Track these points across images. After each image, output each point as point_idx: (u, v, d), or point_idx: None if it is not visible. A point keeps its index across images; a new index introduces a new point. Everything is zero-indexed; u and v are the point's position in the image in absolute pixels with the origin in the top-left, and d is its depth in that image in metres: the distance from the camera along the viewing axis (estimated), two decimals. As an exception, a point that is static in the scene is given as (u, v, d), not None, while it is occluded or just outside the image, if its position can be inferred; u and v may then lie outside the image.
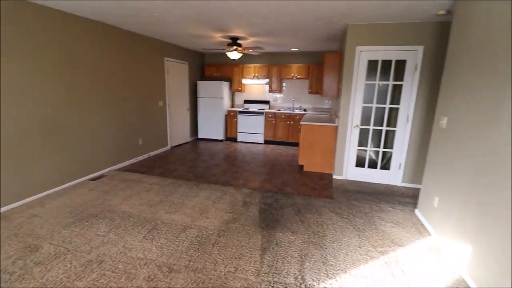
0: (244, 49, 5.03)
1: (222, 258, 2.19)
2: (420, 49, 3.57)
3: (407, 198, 3.51)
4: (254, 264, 2.12)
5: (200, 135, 7.02)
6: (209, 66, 7.02)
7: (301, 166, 4.74)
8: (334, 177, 4.25)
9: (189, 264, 2.10)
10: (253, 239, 2.46)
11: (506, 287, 1.61)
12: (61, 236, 2.44)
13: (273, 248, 2.33)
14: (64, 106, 3.46)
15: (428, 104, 3.65)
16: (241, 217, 2.85)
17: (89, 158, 3.90)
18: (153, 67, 5.13)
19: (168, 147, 5.84)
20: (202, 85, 6.68)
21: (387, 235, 2.60)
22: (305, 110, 6.77)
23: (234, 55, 4.90)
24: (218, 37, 4.80)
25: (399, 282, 1.97)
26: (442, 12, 3.07)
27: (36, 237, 2.41)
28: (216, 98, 6.66)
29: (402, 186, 3.93)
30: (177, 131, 6.16)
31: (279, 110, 6.71)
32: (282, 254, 2.25)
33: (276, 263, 2.14)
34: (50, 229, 2.55)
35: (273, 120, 6.56)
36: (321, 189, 3.76)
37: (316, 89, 6.36)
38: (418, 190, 3.43)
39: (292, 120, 6.43)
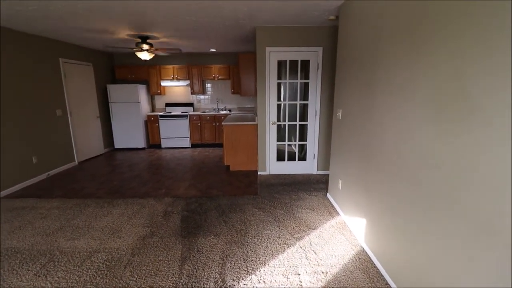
0: (156, 49, 4.71)
1: (135, 279, 1.98)
2: (320, 50, 3.98)
3: (321, 184, 3.89)
4: (172, 277, 2.00)
5: (117, 145, 6.30)
6: (120, 68, 6.35)
7: (228, 166, 4.75)
8: (259, 173, 4.40)
9: (93, 295, 1.84)
10: (172, 250, 2.32)
11: (386, 247, 1.92)
12: None
13: (193, 256, 2.24)
14: None
15: (330, 99, 4.11)
16: (160, 230, 2.66)
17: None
18: (45, 70, 4.33)
19: (75, 163, 5.04)
20: (114, 89, 6.00)
21: (303, 221, 2.82)
22: (230, 110, 6.81)
23: (144, 55, 4.55)
24: (124, 35, 4.37)
25: (311, 263, 2.15)
26: (332, 17, 3.48)
27: None
28: (132, 103, 6.08)
29: (318, 174, 4.35)
30: (86, 143, 5.38)
31: (204, 112, 6.58)
32: (203, 260, 2.18)
33: (196, 271, 2.06)
34: None
35: (198, 122, 6.39)
36: (246, 186, 3.84)
37: (237, 89, 6.46)
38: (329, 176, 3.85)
39: (217, 121, 6.39)
